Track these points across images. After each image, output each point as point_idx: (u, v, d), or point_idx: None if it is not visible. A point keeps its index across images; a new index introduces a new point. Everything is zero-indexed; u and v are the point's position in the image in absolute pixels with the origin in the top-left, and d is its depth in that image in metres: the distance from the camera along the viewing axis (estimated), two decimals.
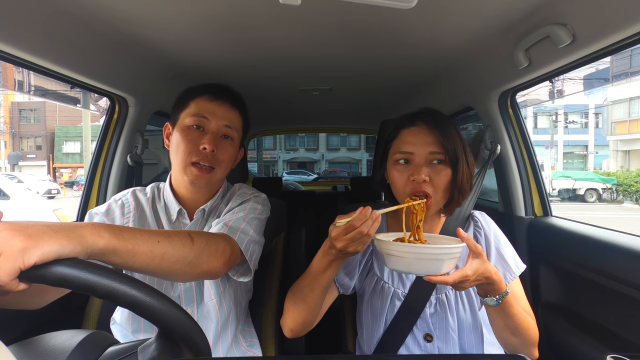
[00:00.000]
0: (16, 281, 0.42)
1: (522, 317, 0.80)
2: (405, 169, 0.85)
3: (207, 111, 0.90)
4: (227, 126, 0.92)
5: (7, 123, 24.77)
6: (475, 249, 0.70)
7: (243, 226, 0.86)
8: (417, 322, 0.90)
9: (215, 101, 0.92)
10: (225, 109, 0.93)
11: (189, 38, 1.18)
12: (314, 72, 1.60)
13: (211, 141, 0.88)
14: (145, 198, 0.99)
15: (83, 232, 0.48)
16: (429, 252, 0.67)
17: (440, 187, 0.84)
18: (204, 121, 0.90)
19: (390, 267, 0.71)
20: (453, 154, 0.83)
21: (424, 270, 0.68)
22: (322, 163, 26.75)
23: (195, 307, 0.94)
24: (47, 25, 0.92)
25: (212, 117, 0.90)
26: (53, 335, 0.53)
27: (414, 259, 0.67)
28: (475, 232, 0.96)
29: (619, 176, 15.73)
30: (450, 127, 0.85)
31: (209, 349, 0.51)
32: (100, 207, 0.95)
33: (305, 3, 0.81)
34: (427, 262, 0.67)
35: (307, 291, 0.82)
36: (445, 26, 1.08)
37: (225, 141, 0.93)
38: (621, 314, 0.99)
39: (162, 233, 0.63)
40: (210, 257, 0.70)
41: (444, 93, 1.77)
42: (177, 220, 0.96)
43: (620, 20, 0.78)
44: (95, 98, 1.64)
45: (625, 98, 19.23)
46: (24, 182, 12.15)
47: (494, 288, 0.74)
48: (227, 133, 0.93)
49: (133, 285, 0.45)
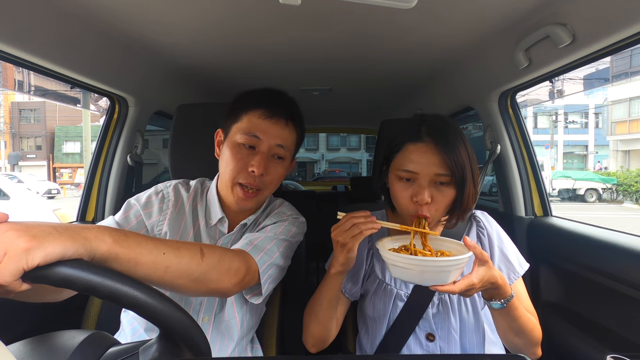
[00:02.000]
0: (19, 281, 0.42)
1: (527, 318, 0.80)
2: (408, 187, 0.82)
3: (259, 129, 0.84)
4: (279, 146, 0.86)
5: (7, 123, 24.76)
6: (481, 257, 0.69)
7: (270, 247, 0.82)
8: (420, 322, 0.90)
9: (270, 119, 0.85)
10: (280, 127, 0.86)
11: (189, 37, 1.18)
12: (314, 72, 1.60)
13: (260, 164, 0.83)
14: (187, 194, 0.94)
15: (87, 234, 0.48)
16: (435, 265, 0.65)
17: (441, 208, 0.81)
18: (256, 140, 0.85)
19: (395, 276, 0.71)
20: (460, 176, 0.78)
21: (430, 281, 0.67)
22: (322, 163, 26.74)
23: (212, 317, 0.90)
24: (48, 25, 0.92)
25: (265, 136, 0.84)
26: (54, 335, 0.53)
27: (420, 272, 0.66)
28: (478, 233, 0.95)
29: (619, 176, 15.73)
30: (458, 142, 0.80)
31: (210, 350, 0.51)
32: (140, 195, 0.91)
33: (305, 3, 0.81)
34: (434, 274, 0.66)
35: (317, 307, 0.86)
36: (446, 26, 1.08)
37: (276, 162, 0.88)
38: (621, 314, 0.99)
39: (171, 244, 0.61)
40: (220, 275, 0.67)
41: (444, 93, 1.77)
42: (215, 227, 0.92)
43: (620, 20, 0.78)
44: (95, 98, 1.64)
45: (625, 98, 19.23)
46: (24, 182, 12.15)
47: (500, 292, 0.74)
48: (278, 153, 0.87)
49: (135, 286, 0.45)
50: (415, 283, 0.71)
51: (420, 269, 0.66)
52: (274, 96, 0.89)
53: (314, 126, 3.73)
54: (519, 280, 0.90)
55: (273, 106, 0.86)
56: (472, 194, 0.82)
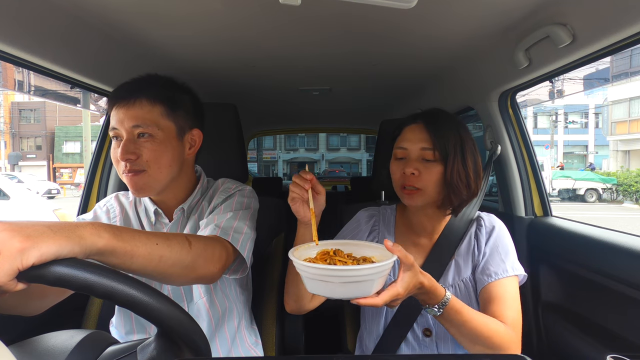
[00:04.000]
0: (14, 281, 0.42)
1: (479, 323, 0.75)
2: (400, 163, 0.91)
3: (116, 120, 0.84)
4: (136, 126, 0.82)
5: (7, 123, 24.77)
6: (406, 260, 0.65)
7: (236, 225, 0.84)
8: (417, 318, 0.90)
9: (119, 106, 0.84)
10: (129, 108, 0.83)
11: (189, 38, 1.18)
12: (313, 72, 1.60)
13: (123, 151, 0.81)
14: (128, 201, 0.99)
15: (82, 232, 0.48)
16: (356, 274, 0.57)
17: (430, 183, 0.86)
18: (117, 132, 0.84)
19: (313, 292, 0.62)
20: (443, 150, 0.85)
21: (352, 294, 0.59)
22: (322, 163, 26.75)
23: (185, 306, 0.93)
24: (48, 25, 0.92)
25: (119, 124, 0.83)
26: (53, 335, 0.53)
27: (340, 283, 0.57)
28: (476, 230, 0.95)
29: (619, 176, 15.72)
30: (450, 125, 0.88)
31: (209, 349, 0.51)
32: (86, 215, 0.96)
33: (305, 3, 0.81)
34: (356, 285, 0.58)
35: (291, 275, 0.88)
36: (445, 26, 1.08)
37: (144, 141, 0.83)
38: (621, 314, 0.99)
39: (161, 235, 0.62)
40: (207, 262, 0.70)
41: (444, 93, 1.77)
42: (158, 222, 0.95)
43: (620, 20, 0.78)
44: (95, 98, 1.64)
45: (625, 98, 19.23)
46: (24, 182, 12.16)
47: (430, 297, 0.71)
48: (140, 132, 0.83)
49: (132, 284, 0.45)
50: (336, 297, 0.61)
51: (339, 280, 0.57)
52: (124, 83, 0.88)
53: (314, 126, 3.73)
54: (507, 281, 0.85)
55: (120, 92, 0.85)
56: (459, 172, 0.85)
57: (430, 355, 0.86)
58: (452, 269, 0.92)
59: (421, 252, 0.96)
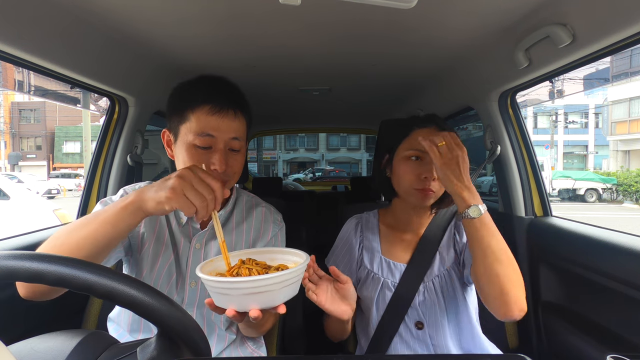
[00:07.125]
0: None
1: (503, 240, 0.79)
2: (416, 165, 0.92)
3: (211, 127, 0.82)
4: (235, 139, 0.85)
5: (7, 123, 24.77)
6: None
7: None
8: (408, 311, 0.93)
9: (219, 114, 0.83)
10: (230, 119, 0.84)
11: (189, 37, 1.18)
12: (313, 72, 1.60)
13: (221, 161, 0.82)
14: None
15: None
16: (253, 286, 0.54)
17: (442, 187, 0.90)
18: (210, 140, 0.83)
19: (219, 305, 0.60)
20: None
21: (257, 305, 0.56)
22: (322, 163, 26.75)
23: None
24: (48, 25, 0.92)
25: (218, 133, 0.83)
26: (53, 336, 0.53)
27: (240, 295, 0.55)
28: (456, 222, 1.00)
29: (619, 176, 15.72)
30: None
31: (209, 349, 0.51)
32: (113, 197, 0.91)
33: (305, 3, 0.81)
34: (257, 296, 0.55)
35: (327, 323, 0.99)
36: (445, 26, 1.08)
37: (235, 154, 0.87)
38: (621, 314, 0.99)
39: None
40: None
41: (444, 93, 1.77)
42: (187, 224, 0.92)
43: (620, 20, 0.78)
44: (95, 98, 1.65)
45: (625, 98, 19.23)
46: (24, 182, 12.15)
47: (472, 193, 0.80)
48: (234, 146, 0.86)
49: (132, 284, 0.45)
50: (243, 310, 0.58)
51: (237, 292, 0.55)
52: (216, 86, 0.87)
53: (314, 126, 3.73)
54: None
55: (219, 99, 0.84)
56: None
57: (430, 355, 0.86)
58: (437, 260, 0.96)
59: (407, 247, 1.00)
